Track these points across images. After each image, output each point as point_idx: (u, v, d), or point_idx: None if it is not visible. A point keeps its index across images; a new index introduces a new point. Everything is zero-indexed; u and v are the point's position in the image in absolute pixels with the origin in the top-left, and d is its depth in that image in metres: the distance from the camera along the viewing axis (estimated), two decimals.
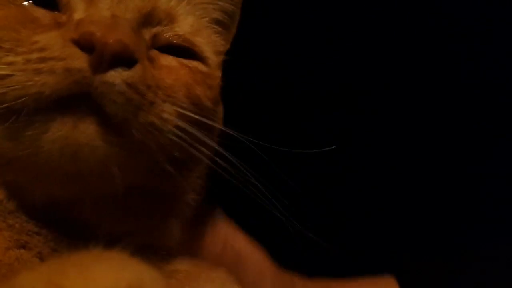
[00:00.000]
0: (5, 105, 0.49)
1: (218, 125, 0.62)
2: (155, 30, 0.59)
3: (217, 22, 0.69)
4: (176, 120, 0.54)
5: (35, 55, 0.49)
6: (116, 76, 0.50)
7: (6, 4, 0.54)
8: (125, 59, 0.51)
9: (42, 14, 0.54)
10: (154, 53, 0.58)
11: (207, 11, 0.68)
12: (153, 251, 0.58)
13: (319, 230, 0.67)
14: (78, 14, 0.54)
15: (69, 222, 0.55)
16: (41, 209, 0.54)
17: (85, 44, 0.49)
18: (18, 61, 0.50)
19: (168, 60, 0.59)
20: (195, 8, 0.65)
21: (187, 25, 0.62)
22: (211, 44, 0.65)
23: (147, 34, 0.59)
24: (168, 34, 0.60)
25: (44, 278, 0.38)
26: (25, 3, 0.54)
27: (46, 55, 0.49)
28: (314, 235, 0.64)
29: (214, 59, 0.65)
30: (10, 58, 0.50)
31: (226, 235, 0.80)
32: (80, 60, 0.49)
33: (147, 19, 0.58)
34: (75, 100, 0.49)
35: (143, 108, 0.52)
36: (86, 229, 0.54)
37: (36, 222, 0.54)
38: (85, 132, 0.49)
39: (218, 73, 0.65)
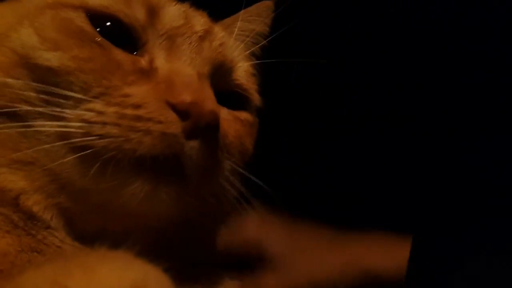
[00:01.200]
0: (91, 150, 0.50)
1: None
2: (221, 81, 0.61)
3: (254, 54, 0.71)
4: (229, 175, 0.57)
5: (129, 111, 0.50)
6: (204, 143, 0.52)
7: (88, 43, 0.54)
8: (214, 128, 0.53)
9: (122, 57, 0.54)
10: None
11: (248, 45, 0.69)
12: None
13: None
14: (161, 63, 0.55)
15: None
16: (82, 233, 0.54)
17: (182, 111, 0.51)
18: (109, 113, 0.51)
19: (225, 113, 0.61)
20: (242, 45, 0.67)
21: (243, 71, 0.65)
22: (255, 85, 0.67)
23: (214, 86, 0.60)
24: (228, 82, 0.63)
25: (49, 278, 0.38)
26: (98, 39, 0.54)
27: (142, 115, 0.50)
28: None
29: (258, 103, 0.67)
30: (99, 107, 0.51)
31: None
32: (176, 126, 0.51)
33: (217, 71, 0.60)
34: (163, 160, 0.51)
35: (215, 171, 0.55)
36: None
37: (62, 238, 0.54)
38: (166, 192, 0.52)
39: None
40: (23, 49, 0.54)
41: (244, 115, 0.64)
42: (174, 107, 0.51)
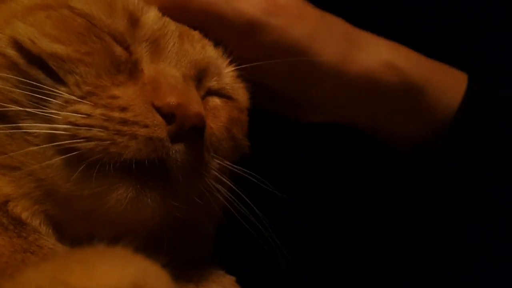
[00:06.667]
0: (76, 152, 0.50)
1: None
2: (207, 84, 0.62)
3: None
4: (217, 173, 0.57)
5: (116, 114, 0.50)
6: (189, 146, 0.52)
7: (88, 36, 0.54)
8: (199, 130, 0.53)
9: (119, 51, 0.55)
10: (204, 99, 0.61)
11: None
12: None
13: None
14: (146, 64, 0.56)
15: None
16: (72, 239, 0.54)
17: (167, 113, 0.51)
18: (96, 115, 0.50)
19: (215, 101, 0.62)
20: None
21: (229, 75, 0.64)
22: (242, 87, 0.67)
23: (202, 89, 0.61)
24: (215, 86, 0.62)
25: (49, 275, 0.38)
26: (96, 31, 0.55)
27: (128, 118, 0.50)
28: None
29: (246, 105, 0.67)
30: (86, 108, 0.51)
31: None
32: (161, 129, 0.51)
33: (203, 74, 0.61)
34: (148, 164, 0.51)
35: (200, 171, 0.55)
36: None
37: (54, 242, 0.53)
38: (151, 197, 0.52)
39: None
40: (15, 44, 0.53)
41: (235, 103, 0.64)
42: (159, 110, 0.51)
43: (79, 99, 0.51)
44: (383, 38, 0.73)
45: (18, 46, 0.53)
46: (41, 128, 0.51)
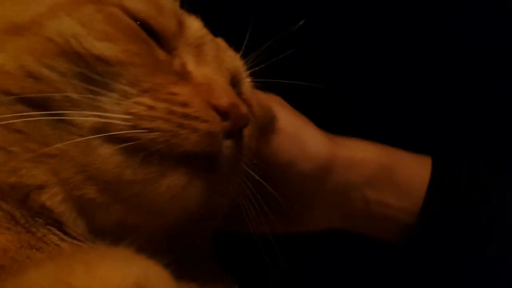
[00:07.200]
0: (135, 142, 0.51)
1: None
2: (235, 91, 0.63)
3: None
4: (243, 176, 0.60)
5: (178, 109, 0.52)
6: (237, 142, 0.56)
7: (136, 39, 0.55)
8: (241, 131, 0.57)
9: (163, 56, 0.56)
10: None
11: None
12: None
13: None
14: (192, 68, 0.58)
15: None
16: (96, 226, 0.54)
17: (223, 112, 0.54)
18: (160, 108, 0.52)
19: None
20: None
21: (247, 83, 0.67)
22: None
23: None
24: (237, 92, 0.64)
25: (51, 276, 0.38)
26: (144, 36, 0.56)
27: (190, 113, 0.52)
28: None
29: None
30: (149, 101, 0.52)
31: None
32: (218, 126, 0.53)
33: (233, 82, 0.64)
34: (203, 157, 0.53)
35: (238, 170, 0.58)
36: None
37: (61, 236, 0.53)
38: (199, 187, 0.53)
39: None
40: (62, 37, 0.53)
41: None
42: (215, 108, 0.54)
43: (139, 93, 0.52)
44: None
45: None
46: (91, 117, 0.51)
